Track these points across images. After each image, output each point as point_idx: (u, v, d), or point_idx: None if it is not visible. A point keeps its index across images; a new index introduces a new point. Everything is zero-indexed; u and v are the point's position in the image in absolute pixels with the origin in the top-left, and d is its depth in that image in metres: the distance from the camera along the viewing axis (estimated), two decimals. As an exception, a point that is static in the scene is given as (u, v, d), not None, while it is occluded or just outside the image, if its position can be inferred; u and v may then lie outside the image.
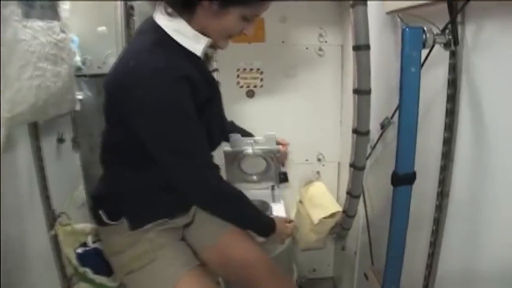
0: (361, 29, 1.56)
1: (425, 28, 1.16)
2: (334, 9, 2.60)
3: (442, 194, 1.34)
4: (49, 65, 1.25)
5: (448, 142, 1.30)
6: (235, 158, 2.20)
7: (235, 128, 2.10)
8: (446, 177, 1.32)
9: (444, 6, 1.15)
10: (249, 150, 2.14)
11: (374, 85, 1.65)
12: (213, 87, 1.52)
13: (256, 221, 1.66)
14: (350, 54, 2.38)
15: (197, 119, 1.35)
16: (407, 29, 1.16)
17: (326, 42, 2.62)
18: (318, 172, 2.85)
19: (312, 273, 3.14)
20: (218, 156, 2.17)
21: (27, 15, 1.13)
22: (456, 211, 1.32)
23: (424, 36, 1.16)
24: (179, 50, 1.34)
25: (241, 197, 1.54)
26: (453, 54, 1.23)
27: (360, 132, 1.70)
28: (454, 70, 1.24)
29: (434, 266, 1.43)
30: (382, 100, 1.81)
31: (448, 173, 1.32)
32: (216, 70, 1.59)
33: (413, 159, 1.25)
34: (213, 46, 1.44)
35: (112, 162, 1.55)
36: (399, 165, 1.26)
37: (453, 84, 1.25)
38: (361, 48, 1.58)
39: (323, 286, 3.12)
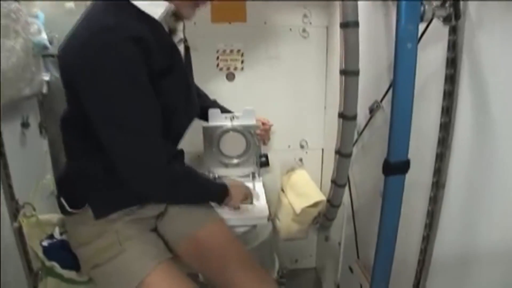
0: (350, 4, 1.45)
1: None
2: (318, -12, 2.48)
3: (438, 184, 1.23)
4: (-1, 38, 1.10)
5: (446, 127, 1.18)
6: (213, 135, 2.16)
7: (216, 107, 2.06)
8: (443, 166, 1.21)
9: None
10: (228, 124, 2.10)
11: (362, 65, 1.55)
12: (175, 55, 1.40)
13: (208, 193, 1.61)
14: (336, 36, 2.31)
15: (149, 89, 1.25)
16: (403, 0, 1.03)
17: (310, 23, 2.49)
18: (301, 159, 2.74)
19: (293, 263, 3.05)
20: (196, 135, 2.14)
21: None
22: (453, 203, 1.21)
23: (422, 9, 1.04)
24: (137, 13, 1.24)
25: (189, 175, 1.47)
26: (453, 30, 1.11)
27: (346, 116, 1.59)
28: (454, 47, 1.12)
29: (426, 262, 1.33)
30: (371, 83, 1.69)
31: (444, 162, 1.20)
32: (184, 40, 1.44)
33: (407, 145, 1.13)
34: (178, 16, 1.36)
35: (73, 144, 1.45)
36: (391, 152, 1.14)
37: (452, 63, 1.13)
38: (349, 25, 1.47)
39: (305, 277, 3.03)
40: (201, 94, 2.05)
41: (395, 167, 1.14)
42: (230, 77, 2.53)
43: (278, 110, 2.54)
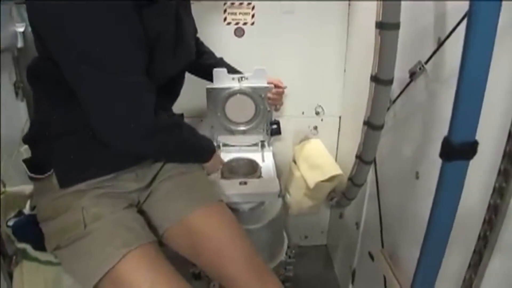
0: None
1: None
2: None
3: (508, 174, 0.94)
4: None
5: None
6: (218, 98, 1.95)
7: (223, 66, 1.87)
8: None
9: None
10: (236, 86, 1.89)
11: (403, 18, 1.27)
12: None
13: (196, 151, 1.50)
14: None
15: (131, 16, 1.06)
16: None
17: (332, -29, 2.21)
18: (315, 128, 2.50)
19: (303, 240, 2.89)
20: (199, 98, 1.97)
21: None
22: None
23: None
24: None
25: (177, 127, 1.33)
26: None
27: (381, 80, 1.32)
28: None
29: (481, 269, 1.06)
30: (413, 40, 1.40)
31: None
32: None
33: (477, 122, 0.84)
34: None
35: (39, 97, 1.27)
36: (456, 130, 0.85)
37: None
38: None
39: (315, 255, 2.86)
40: (205, 51, 1.86)
41: (460, 151, 0.86)
42: (239, 32, 2.26)
43: (291, 72, 2.30)
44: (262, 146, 2.16)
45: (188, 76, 1.57)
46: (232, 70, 1.91)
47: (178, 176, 1.48)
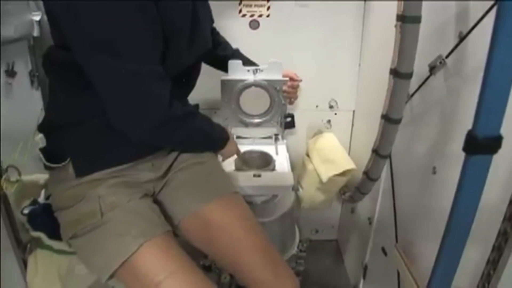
0: None
1: None
2: None
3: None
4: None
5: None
6: (233, 90, 1.94)
7: (238, 57, 1.85)
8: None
9: None
10: (250, 78, 1.87)
11: (424, 11, 1.24)
12: None
13: (210, 139, 1.49)
14: None
15: (147, 5, 1.05)
16: None
17: (348, -36, 2.18)
18: (329, 121, 2.48)
19: (314, 234, 2.89)
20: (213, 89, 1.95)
21: None
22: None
23: None
24: None
25: (192, 116, 1.32)
26: None
27: (400, 73, 1.30)
28: None
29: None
30: (433, 33, 1.38)
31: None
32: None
33: (502, 115, 0.83)
34: None
35: (54, 85, 1.27)
36: (480, 123, 0.84)
37: None
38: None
39: (325, 250, 2.86)
40: (221, 41, 1.85)
41: (484, 145, 0.85)
42: (254, 25, 2.24)
43: (306, 65, 2.27)
44: (276, 139, 2.16)
45: (203, 67, 1.56)
46: (247, 62, 1.90)
47: (193, 166, 1.46)
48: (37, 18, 1.56)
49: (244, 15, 2.22)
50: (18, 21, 1.29)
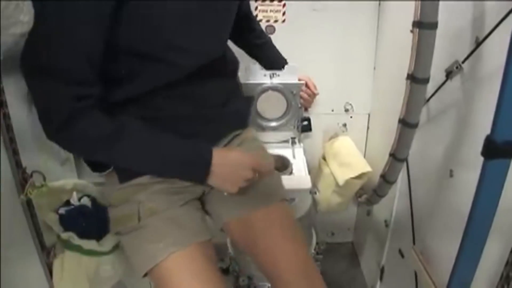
0: None
1: None
2: None
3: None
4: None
5: None
6: (250, 94, 1.92)
7: (268, 49, 1.85)
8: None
9: None
10: (267, 82, 1.87)
11: (440, 17, 1.25)
12: None
13: (160, 162, 1.17)
14: None
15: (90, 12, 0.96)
16: None
17: (362, -30, 2.20)
18: (344, 125, 2.49)
19: (330, 236, 2.90)
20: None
21: None
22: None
23: None
24: None
25: (120, 133, 1.09)
26: None
27: (417, 78, 1.31)
28: None
29: None
30: (449, 38, 1.40)
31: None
32: None
33: (520, 121, 0.86)
34: None
35: None
36: (499, 128, 0.86)
37: None
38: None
39: (341, 252, 2.88)
40: (254, 28, 1.82)
41: (502, 149, 0.87)
42: (270, 30, 2.26)
43: (321, 69, 2.28)
44: (293, 142, 2.17)
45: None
46: (276, 55, 1.90)
47: None
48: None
49: (260, 20, 2.23)
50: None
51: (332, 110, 2.46)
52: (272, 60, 1.89)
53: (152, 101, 1.19)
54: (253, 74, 1.88)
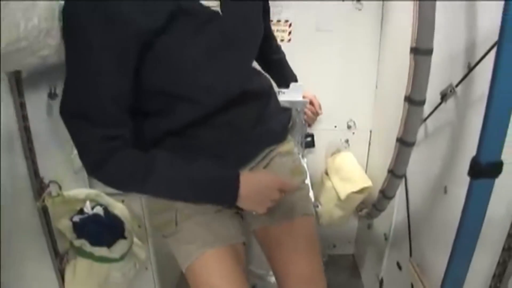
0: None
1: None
2: (376, -46, 2.27)
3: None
4: (17, -5, 0.93)
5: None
6: None
7: (280, 65, 1.90)
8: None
9: None
10: None
11: (435, 43, 1.33)
12: (177, 10, 1.09)
13: (190, 190, 1.22)
14: (392, 9, 2.13)
15: (111, 62, 1.04)
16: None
17: (366, -6, 2.28)
18: (347, 141, 2.56)
19: (331, 249, 2.94)
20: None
21: None
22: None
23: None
24: None
25: (150, 168, 1.16)
26: None
27: (414, 100, 1.39)
28: None
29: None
30: (444, 63, 1.48)
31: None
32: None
33: (502, 143, 0.94)
34: None
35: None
36: (483, 151, 0.94)
37: None
38: (426, -4, 1.25)
39: (343, 264, 2.92)
40: (271, 44, 1.86)
41: (486, 170, 0.95)
42: (276, 49, 2.31)
43: (325, 87, 2.35)
44: None
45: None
46: (290, 72, 1.96)
47: None
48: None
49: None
50: (60, 43, 1.37)
51: (335, 127, 2.53)
52: (287, 76, 1.94)
53: (184, 132, 1.27)
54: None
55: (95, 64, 1.03)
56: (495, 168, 0.96)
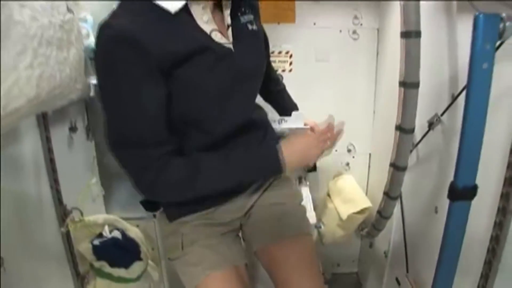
0: (412, 13, 1.38)
1: (504, 15, 0.96)
2: (370, -11, 2.40)
3: (505, 210, 1.14)
4: (53, 51, 1.06)
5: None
6: None
7: (282, 96, 1.96)
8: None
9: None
10: (277, 128, 1.93)
11: (422, 75, 1.47)
12: (198, 46, 1.18)
13: (242, 173, 1.31)
14: (387, 38, 2.26)
15: (139, 90, 1.11)
16: (481, 16, 0.95)
17: (361, 25, 2.41)
18: (347, 164, 2.67)
19: (336, 267, 3.01)
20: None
21: (25, -8, 0.94)
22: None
23: (502, 25, 0.96)
24: (150, 8, 1.13)
25: (197, 169, 1.24)
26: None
27: (404, 129, 1.52)
28: None
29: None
30: (430, 94, 1.61)
31: (514, 187, 1.12)
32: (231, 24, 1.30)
33: (476, 170, 1.07)
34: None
35: None
36: (459, 176, 1.07)
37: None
38: (411, 35, 1.39)
39: (346, 282, 2.99)
40: (272, 77, 1.91)
41: (463, 193, 1.08)
42: (278, 79, 2.44)
43: (325, 113, 2.40)
44: (300, 181, 2.34)
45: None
46: (290, 101, 2.03)
47: (271, 206, 1.56)
48: (94, 81, 1.69)
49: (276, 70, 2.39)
50: (83, 85, 1.47)
51: (336, 151, 2.62)
52: (288, 106, 2.01)
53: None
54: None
55: (135, 89, 1.10)
56: (471, 192, 1.08)
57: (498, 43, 1.02)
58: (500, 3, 1.05)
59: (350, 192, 2.46)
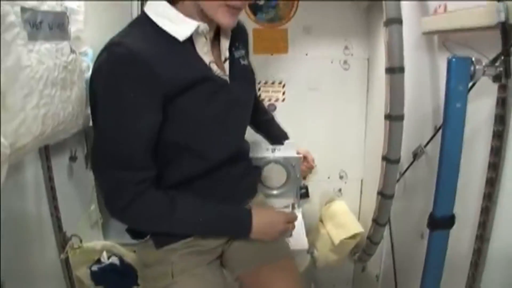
0: (396, 50, 1.45)
1: (474, 59, 1.04)
2: (360, 20, 2.50)
3: (482, 238, 1.21)
4: (58, 91, 1.13)
5: (491, 182, 1.16)
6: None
7: (272, 125, 2.02)
8: (488, 220, 1.19)
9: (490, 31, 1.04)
10: (270, 156, 2.06)
11: (406, 108, 1.53)
12: (200, 72, 1.24)
13: (210, 225, 1.39)
14: (376, 68, 2.35)
15: (139, 113, 1.15)
16: (453, 59, 1.04)
17: (352, 55, 2.51)
18: (340, 190, 2.75)
19: None
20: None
21: (32, 38, 1.00)
22: (498, 259, 1.20)
23: (472, 68, 1.04)
24: (158, 33, 1.20)
25: (172, 207, 1.28)
26: (503, 88, 1.09)
27: (390, 160, 1.58)
28: (503, 105, 1.10)
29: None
30: (414, 125, 1.69)
31: (490, 216, 1.18)
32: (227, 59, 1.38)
33: (453, 201, 1.14)
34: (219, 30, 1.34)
35: None
36: (437, 207, 1.14)
37: (501, 120, 1.11)
38: (395, 71, 1.46)
39: None
40: (259, 108, 1.95)
41: (441, 222, 1.15)
42: (271, 108, 2.56)
43: (318, 141, 2.54)
44: (293, 207, 2.37)
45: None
46: (279, 130, 2.08)
47: None
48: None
49: (263, 100, 2.51)
50: (84, 119, 1.52)
51: (328, 177, 2.72)
52: (277, 134, 2.08)
53: (188, 182, 1.38)
54: (257, 149, 2.08)
55: (136, 111, 1.14)
56: (449, 221, 1.15)
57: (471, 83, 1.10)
58: (469, 48, 1.14)
59: (342, 217, 2.52)
